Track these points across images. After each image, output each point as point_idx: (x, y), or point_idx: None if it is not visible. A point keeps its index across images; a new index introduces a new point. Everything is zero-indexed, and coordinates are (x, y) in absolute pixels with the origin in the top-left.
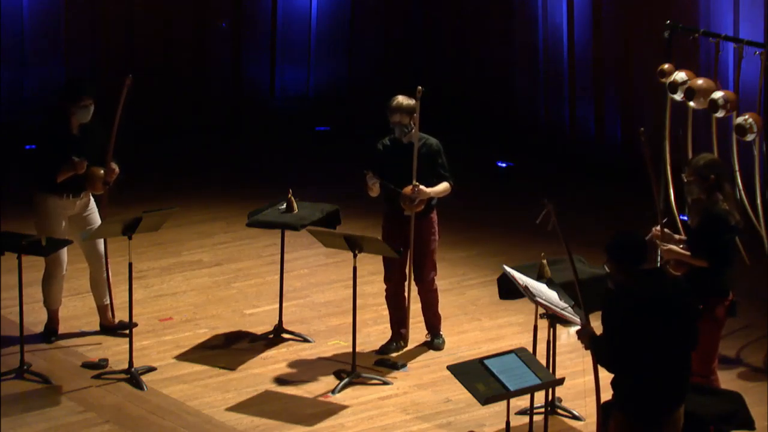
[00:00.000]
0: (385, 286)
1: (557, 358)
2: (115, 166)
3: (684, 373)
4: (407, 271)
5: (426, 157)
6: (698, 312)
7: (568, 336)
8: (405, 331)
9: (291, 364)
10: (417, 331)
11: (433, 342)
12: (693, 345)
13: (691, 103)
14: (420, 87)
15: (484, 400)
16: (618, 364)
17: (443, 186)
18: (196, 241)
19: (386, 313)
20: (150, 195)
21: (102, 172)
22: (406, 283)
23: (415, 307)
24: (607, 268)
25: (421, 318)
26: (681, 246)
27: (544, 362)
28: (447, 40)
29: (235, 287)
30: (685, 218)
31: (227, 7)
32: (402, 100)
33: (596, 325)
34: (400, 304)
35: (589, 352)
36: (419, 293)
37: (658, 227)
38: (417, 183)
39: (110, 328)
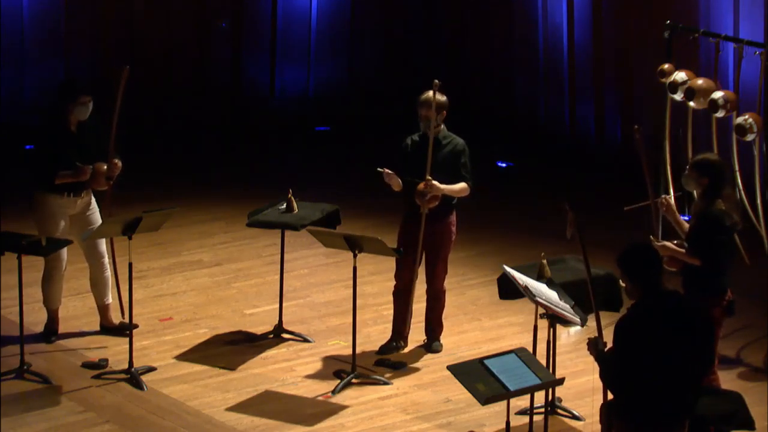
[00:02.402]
0: (394, 282)
1: (557, 358)
2: (117, 161)
3: (691, 393)
4: (417, 269)
5: (449, 156)
6: (712, 333)
7: (568, 336)
8: (406, 330)
9: (291, 364)
10: (417, 332)
11: (431, 345)
12: (706, 367)
13: (691, 103)
14: (436, 81)
15: (484, 400)
16: (625, 386)
17: (459, 186)
18: (196, 241)
19: (386, 313)
20: (150, 195)
21: (105, 167)
22: (416, 282)
23: (418, 307)
24: (622, 283)
25: (422, 318)
26: (675, 243)
27: (544, 362)
28: (447, 40)
29: (235, 287)
30: (686, 218)
31: (227, 7)
32: (431, 94)
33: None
34: (406, 303)
35: (589, 353)
36: (427, 293)
37: (667, 196)
38: (429, 177)
39: (111, 328)
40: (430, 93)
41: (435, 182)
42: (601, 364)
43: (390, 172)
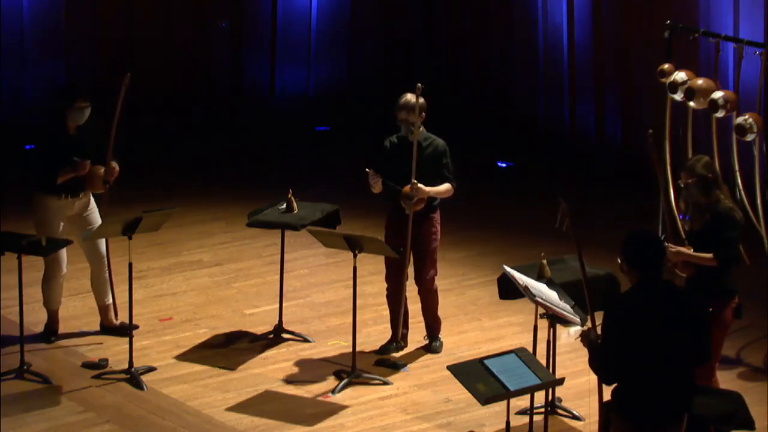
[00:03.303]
0: (386, 285)
1: (557, 358)
2: (115, 165)
3: (686, 388)
4: (407, 270)
5: (431, 157)
6: (709, 325)
7: (568, 336)
8: (405, 331)
9: (291, 364)
10: (417, 332)
11: (431, 345)
12: (701, 359)
13: (691, 103)
14: (419, 84)
15: (484, 400)
16: (613, 373)
17: (444, 187)
18: (196, 241)
19: (386, 313)
20: (150, 195)
21: (102, 171)
22: (407, 283)
23: (416, 307)
24: (619, 261)
25: (421, 318)
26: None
27: (544, 362)
28: (447, 40)
29: (235, 287)
30: (681, 217)
31: (227, 7)
32: (410, 97)
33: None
34: (400, 304)
35: (582, 344)
36: (419, 294)
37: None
38: (415, 181)
39: (111, 328)
40: (409, 96)
41: (420, 185)
42: (592, 353)
43: (376, 174)
